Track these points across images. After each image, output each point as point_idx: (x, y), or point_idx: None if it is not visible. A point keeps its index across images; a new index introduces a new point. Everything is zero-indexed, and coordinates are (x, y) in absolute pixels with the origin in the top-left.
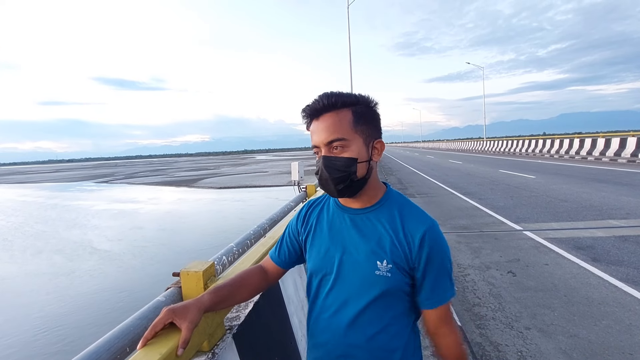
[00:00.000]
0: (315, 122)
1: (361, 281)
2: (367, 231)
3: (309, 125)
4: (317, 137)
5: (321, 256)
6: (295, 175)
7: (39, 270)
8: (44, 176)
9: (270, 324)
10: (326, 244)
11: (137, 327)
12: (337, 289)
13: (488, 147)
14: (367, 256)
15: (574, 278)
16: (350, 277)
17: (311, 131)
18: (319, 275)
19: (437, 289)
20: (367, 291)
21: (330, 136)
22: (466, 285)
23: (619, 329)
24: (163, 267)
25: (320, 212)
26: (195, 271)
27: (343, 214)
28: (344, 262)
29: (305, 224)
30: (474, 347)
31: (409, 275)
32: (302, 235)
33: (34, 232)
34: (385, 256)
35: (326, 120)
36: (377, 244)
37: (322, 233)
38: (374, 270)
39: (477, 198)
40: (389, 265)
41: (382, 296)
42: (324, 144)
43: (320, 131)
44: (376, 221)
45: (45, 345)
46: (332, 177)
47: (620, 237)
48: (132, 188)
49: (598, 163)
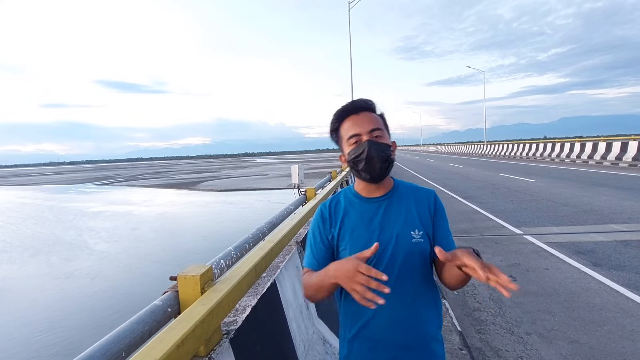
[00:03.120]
0: (355, 116)
1: (404, 252)
2: (397, 210)
3: (342, 124)
4: (359, 127)
5: (362, 245)
6: (295, 178)
7: (40, 272)
8: (46, 178)
9: (268, 329)
10: (366, 234)
11: (133, 331)
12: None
13: (489, 150)
14: (403, 228)
15: (574, 283)
16: (395, 250)
17: (349, 125)
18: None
19: (448, 236)
20: (411, 259)
21: (373, 125)
22: (466, 290)
23: (620, 334)
24: (161, 270)
25: (346, 210)
26: (193, 275)
27: (372, 205)
28: (387, 240)
29: (333, 222)
30: (474, 353)
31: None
32: (331, 233)
33: (38, 235)
34: (416, 225)
35: (366, 115)
36: (407, 217)
37: (354, 226)
38: (411, 239)
39: (477, 202)
40: (420, 232)
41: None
42: (367, 132)
43: (363, 122)
44: (400, 201)
45: (42, 347)
46: (378, 156)
47: (622, 241)
48: (133, 190)
49: (599, 167)
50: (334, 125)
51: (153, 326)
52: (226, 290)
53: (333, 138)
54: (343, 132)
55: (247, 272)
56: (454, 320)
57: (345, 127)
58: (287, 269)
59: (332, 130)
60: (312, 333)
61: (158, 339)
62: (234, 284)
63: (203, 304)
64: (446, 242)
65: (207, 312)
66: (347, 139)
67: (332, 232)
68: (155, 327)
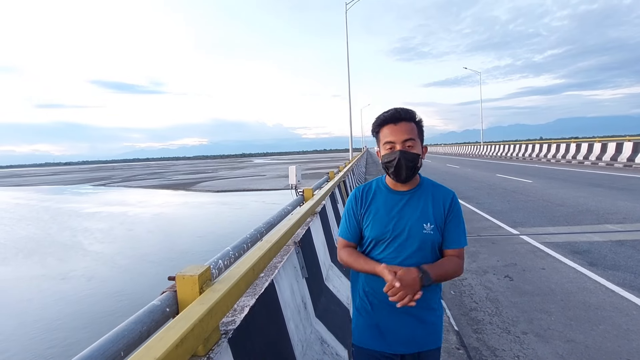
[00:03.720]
0: (393, 125)
1: (415, 240)
2: (415, 205)
3: (381, 129)
4: (395, 136)
5: (382, 227)
6: (292, 179)
7: (36, 273)
8: (41, 179)
9: (266, 329)
10: (385, 219)
11: (132, 331)
12: (396, 249)
13: (485, 151)
14: (417, 221)
15: (570, 282)
16: (407, 237)
17: (386, 132)
18: (381, 239)
19: (459, 233)
20: (419, 245)
21: (407, 136)
22: (463, 290)
23: (616, 334)
24: (159, 271)
25: (374, 196)
26: (191, 275)
27: (396, 196)
28: (401, 229)
29: (362, 204)
30: (471, 352)
31: (442, 231)
32: (360, 213)
33: (33, 236)
34: (429, 219)
35: (403, 126)
36: (423, 212)
37: (379, 211)
38: (422, 230)
39: (474, 202)
40: (431, 226)
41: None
42: (400, 142)
43: (399, 132)
44: (420, 197)
45: (40, 349)
46: (406, 165)
47: (617, 241)
48: (129, 191)
49: (594, 168)
50: (375, 128)
51: (151, 326)
52: (224, 290)
53: (374, 136)
54: (382, 136)
55: (245, 272)
56: (451, 319)
57: (384, 133)
58: (285, 269)
59: (373, 132)
60: (310, 333)
61: (157, 338)
62: (232, 284)
63: (201, 304)
64: (452, 238)
65: (206, 311)
66: (383, 143)
67: (361, 212)
68: (153, 327)
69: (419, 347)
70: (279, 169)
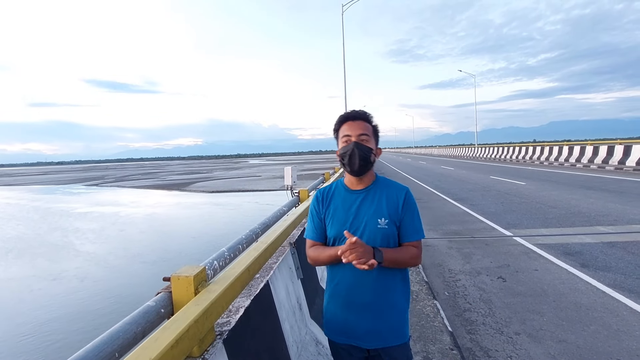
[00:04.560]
0: (352, 122)
1: (369, 233)
2: (370, 202)
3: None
4: (352, 130)
5: (341, 225)
6: (288, 179)
7: (28, 274)
8: (33, 179)
9: (261, 330)
10: (343, 217)
11: (126, 332)
12: None
13: (479, 153)
14: (372, 217)
15: (562, 284)
16: (363, 233)
17: (345, 128)
18: (341, 236)
19: (414, 226)
20: (374, 240)
21: (362, 131)
22: (457, 291)
23: (607, 334)
24: (154, 271)
25: (333, 196)
26: (186, 276)
27: (352, 195)
28: (358, 225)
29: (324, 205)
30: (464, 353)
31: (397, 225)
32: (322, 213)
33: (23, 236)
34: (383, 214)
35: (360, 123)
36: (377, 208)
37: (337, 210)
38: (376, 225)
39: (468, 204)
40: (386, 221)
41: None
42: (356, 135)
43: (356, 127)
44: (375, 195)
45: (32, 350)
46: (359, 155)
47: (608, 243)
48: (122, 192)
49: (586, 170)
50: (336, 126)
51: (146, 327)
52: (220, 291)
53: (335, 136)
54: (340, 132)
55: (241, 273)
56: (444, 320)
57: (343, 129)
58: (280, 270)
59: (334, 130)
60: (304, 334)
61: (152, 339)
62: (227, 285)
63: (197, 305)
64: (408, 231)
65: (201, 312)
66: (341, 137)
67: (323, 211)
68: (148, 327)
69: (383, 342)
70: (274, 170)
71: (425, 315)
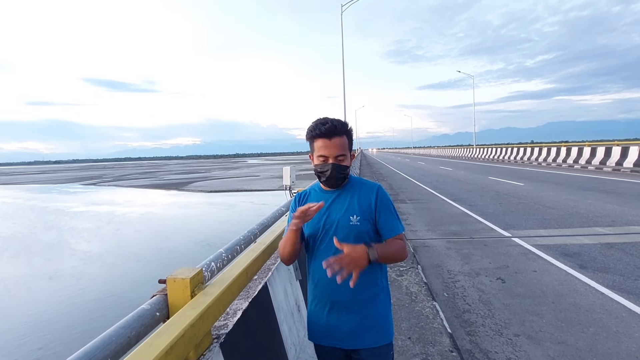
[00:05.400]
0: (327, 140)
1: (342, 230)
2: (343, 201)
3: (316, 140)
4: (329, 151)
5: (314, 223)
6: (287, 179)
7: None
8: (30, 178)
9: (259, 333)
10: (317, 216)
11: (119, 336)
12: (329, 242)
13: (478, 154)
14: (344, 214)
15: (561, 285)
16: (336, 230)
17: (320, 145)
18: (315, 235)
19: (392, 221)
20: (347, 236)
21: (339, 152)
22: (456, 292)
23: (606, 336)
24: (150, 273)
25: (308, 198)
26: (182, 278)
27: (326, 195)
28: (331, 223)
29: (301, 205)
30: (464, 354)
31: (372, 222)
32: None
33: (17, 235)
34: (355, 212)
35: (336, 142)
36: (349, 206)
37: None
38: (349, 222)
39: (467, 205)
40: (357, 217)
41: (357, 238)
42: (333, 156)
43: (332, 147)
44: (347, 194)
45: (24, 353)
46: (338, 176)
47: (606, 244)
48: (120, 191)
49: (584, 171)
50: (309, 139)
51: (141, 331)
52: (217, 294)
53: (308, 143)
54: (316, 146)
55: (238, 275)
56: (444, 322)
57: (318, 145)
58: (278, 272)
59: (307, 139)
60: (303, 336)
61: (146, 344)
62: (224, 287)
63: (193, 308)
64: (388, 227)
65: (197, 316)
66: (317, 155)
67: None
68: (143, 332)
69: (364, 343)
70: (273, 170)
71: (424, 317)
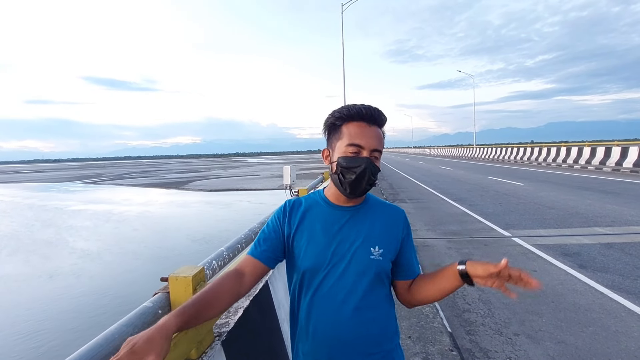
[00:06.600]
0: (367, 126)
1: (358, 265)
2: (360, 224)
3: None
4: (366, 141)
5: (320, 251)
6: (287, 178)
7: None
8: (30, 176)
9: (260, 331)
10: (322, 240)
11: (122, 334)
12: (338, 278)
13: (478, 154)
14: (362, 243)
15: (561, 284)
16: (349, 264)
17: (357, 132)
18: (317, 269)
19: (413, 262)
20: (364, 274)
21: (378, 146)
22: (456, 292)
23: (605, 335)
24: (152, 271)
25: (308, 212)
26: (185, 276)
27: (336, 212)
28: (342, 254)
29: (291, 218)
30: (464, 354)
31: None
32: (287, 232)
33: (17, 233)
34: (377, 242)
35: (376, 131)
36: (369, 233)
37: (313, 229)
38: (369, 255)
39: (467, 204)
40: (380, 250)
41: (376, 278)
42: (370, 149)
43: (372, 137)
44: (366, 215)
45: (24, 351)
46: (369, 179)
47: (606, 244)
48: (120, 190)
49: (584, 171)
50: (338, 120)
51: (143, 329)
52: None
53: (328, 127)
54: (345, 131)
55: None
56: (444, 321)
57: (351, 130)
58: (279, 270)
59: (331, 124)
60: None
61: None
62: None
63: None
64: (412, 266)
65: None
66: (347, 142)
67: (287, 228)
68: (145, 329)
69: None
70: (272, 169)
71: (424, 316)
